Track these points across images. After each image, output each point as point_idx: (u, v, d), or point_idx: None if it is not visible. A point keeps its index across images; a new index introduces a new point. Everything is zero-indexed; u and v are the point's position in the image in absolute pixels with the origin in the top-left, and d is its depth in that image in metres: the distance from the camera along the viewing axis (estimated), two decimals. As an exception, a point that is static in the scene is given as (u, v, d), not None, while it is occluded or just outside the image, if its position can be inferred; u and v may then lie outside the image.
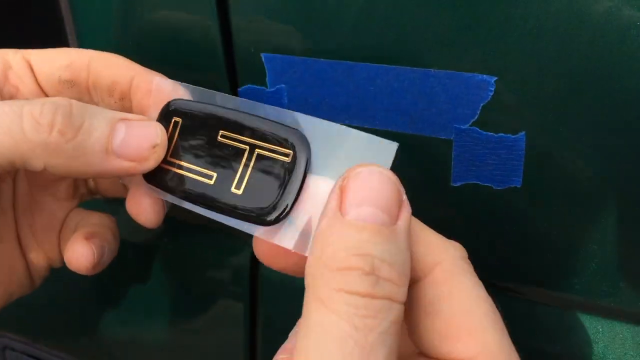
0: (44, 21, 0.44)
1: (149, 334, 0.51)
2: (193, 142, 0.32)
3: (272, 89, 0.35)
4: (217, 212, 0.30)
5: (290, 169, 0.28)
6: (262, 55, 0.34)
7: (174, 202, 0.33)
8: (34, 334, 0.57)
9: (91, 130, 0.29)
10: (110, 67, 0.34)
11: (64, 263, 0.38)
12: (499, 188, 0.32)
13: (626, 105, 0.27)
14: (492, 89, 0.30)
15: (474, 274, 0.27)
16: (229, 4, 0.34)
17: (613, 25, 0.26)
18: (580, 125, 0.29)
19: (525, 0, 0.27)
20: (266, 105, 0.30)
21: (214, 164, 0.31)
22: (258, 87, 0.35)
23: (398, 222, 0.25)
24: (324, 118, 0.34)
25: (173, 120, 0.32)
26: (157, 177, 0.32)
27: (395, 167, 0.34)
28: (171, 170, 0.32)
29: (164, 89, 0.33)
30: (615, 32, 0.26)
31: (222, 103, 0.32)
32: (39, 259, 0.38)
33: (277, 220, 0.29)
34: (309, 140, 0.29)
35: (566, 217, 0.31)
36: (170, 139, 0.32)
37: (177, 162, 0.32)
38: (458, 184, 0.32)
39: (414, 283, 0.27)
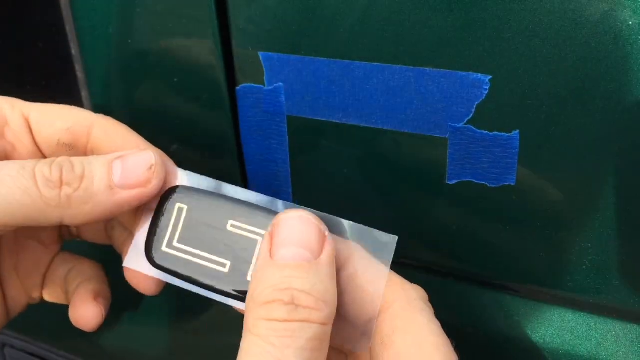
0: (44, 23, 0.44)
1: (149, 333, 0.51)
2: (201, 230, 0.33)
3: (270, 88, 0.35)
4: (234, 299, 0.32)
5: None
6: (260, 53, 0.35)
7: (183, 287, 0.33)
8: (33, 332, 0.57)
9: (92, 175, 0.32)
10: (111, 136, 0.36)
11: (42, 300, 0.41)
12: (494, 186, 0.32)
13: (619, 104, 0.28)
14: (487, 88, 0.30)
15: (431, 312, 0.30)
16: (228, 3, 0.34)
17: (607, 24, 0.27)
18: (574, 124, 0.29)
19: (519, 0, 0.28)
20: (272, 199, 0.33)
21: (226, 253, 0.32)
22: (256, 85, 0.36)
23: (321, 256, 0.29)
24: (321, 116, 0.34)
25: (177, 207, 0.33)
26: (165, 263, 0.33)
27: (392, 165, 0.34)
28: (180, 257, 0.33)
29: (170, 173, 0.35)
30: (610, 32, 0.27)
31: (229, 193, 0.33)
32: (19, 296, 0.40)
33: None
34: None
35: (559, 215, 0.31)
36: (175, 225, 0.33)
37: (186, 248, 0.33)
38: (453, 182, 0.33)
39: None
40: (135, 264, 0.35)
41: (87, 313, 0.39)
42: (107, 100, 0.42)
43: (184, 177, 0.34)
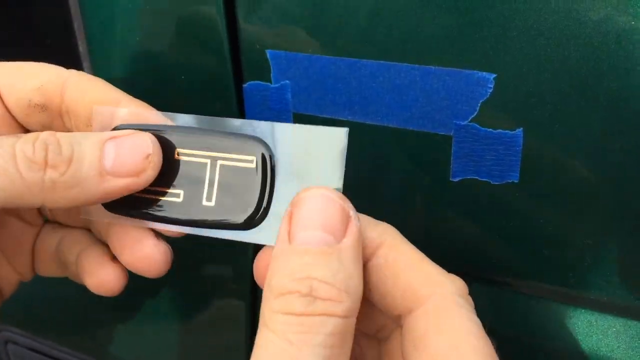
0: (52, 20, 0.44)
1: (150, 331, 0.51)
2: None
3: (277, 85, 0.36)
4: (193, 226, 0.31)
5: (257, 173, 0.30)
6: (267, 51, 0.35)
7: (144, 226, 0.32)
8: (35, 328, 0.57)
9: (82, 158, 0.29)
10: (87, 93, 0.32)
11: (34, 277, 0.38)
12: (497, 183, 0.32)
13: (622, 103, 0.28)
14: (491, 86, 0.30)
15: (471, 309, 0.27)
16: (236, 1, 0.35)
17: (611, 24, 0.27)
18: (577, 122, 0.29)
19: (523, -1, 0.28)
20: (218, 118, 0.31)
21: (178, 182, 0.31)
22: (263, 83, 0.36)
23: (344, 240, 0.26)
24: (327, 114, 0.35)
25: None
26: (119, 205, 0.32)
27: (396, 163, 0.34)
28: (134, 196, 0.31)
29: (104, 114, 0.32)
30: (613, 31, 0.27)
31: (174, 122, 0.32)
32: (8, 274, 0.38)
33: (254, 223, 0.30)
34: (270, 143, 0.30)
35: (561, 212, 0.31)
36: None
37: None
38: (457, 179, 0.33)
39: (407, 314, 0.28)
40: (92, 214, 0.33)
41: (108, 276, 0.35)
42: (114, 97, 0.42)
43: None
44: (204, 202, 0.30)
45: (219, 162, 0.30)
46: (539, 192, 0.31)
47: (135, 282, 0.49)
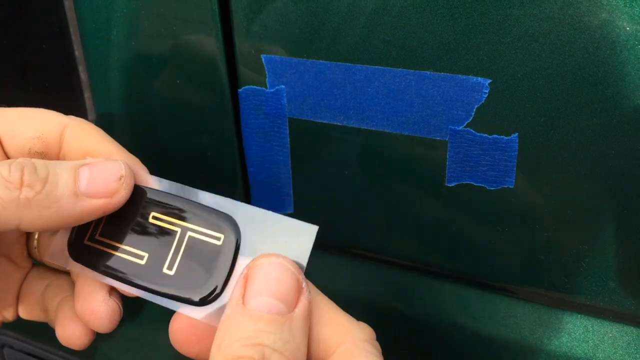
0: (47, 25, 0.44)
1: (146, 335, 0.51)
2: (123, 222, 0.32)
3: (272, 90, 0.36)
4: (147, 292, 0.31)
5: (221, 251, 0.30)
6: (263, 56, 0.35)
7: (101, 280, 0.33)
8: (32, 333, 0.57)
9: (57, 179, 0.30)
10: (85, 142, 0.34)
11: (16, 319, 0.39)
12: (492, 188, 0.32)
13: (617, 108, 0.28)
14: (487, 92, 0.30)
15: (378, 354, 0.28)
16: (231, 6, 0.35)
17: (605, 30, 0.27)
18: (572, 128, 0.29)
19: (519, 4, 0.28)
20: (200, 191, 0.32)
21: (145, 245, 0.31)
22: (258, 88, 0.36)
23: (295, 310, 0.27)
24: (322, 118, 0.35)
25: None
26: (85, 256, 0.32)
27: (392, 167, 0.34)
28: (100, 249, 0.32)
29: None
30: (608, 37, 0.27)
31: (155, 186, 0.32)
32: None
33: (208, 301, 0.30)
34: (240, 224, 0.30)
35: (557, 218, 0.31)
36: (99, 219, 0.32)
37: (107, 241, 0.32)
38: (452, 184, 0.33)
39: None
40: (57, 259, 0.34)
41: (74, 331, 0.36)
42: (110, 102, 0.42)
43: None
44: (165, 270, 0.31)
45: (189, 233, 0.31)
46: (534, 197, 0.31)
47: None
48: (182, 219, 0.31)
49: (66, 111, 0.36)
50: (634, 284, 0.31)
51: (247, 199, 0.40)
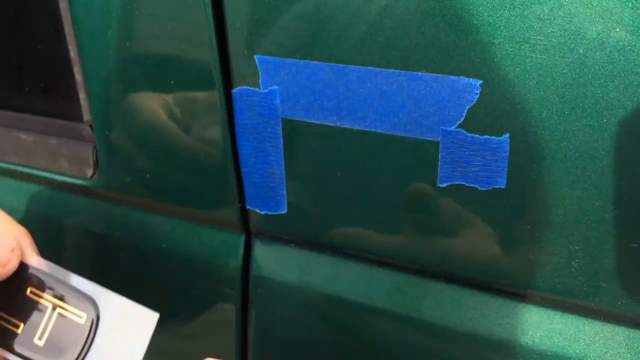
0: (43, 26, 0.44)
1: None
2: (5, 293, 0.35)
3: (265, 91, 0.36)
4: (22, 359, 0.34)
5: (82, 328, 0.34)
6: (256, 57, 0.35)
7: None
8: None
9: None
10: None
11: None
12: (484, 189, 0.32)
13: (607, 109, 0.28)
14: (478, 92, 0.30)
15: None
16: (224, 7, 0.35)
17: (595, 31, 0.27)
18: (563, 128, 0.29)
19: (510, 6, 0.28)
20: (71, 273, 0.35)
21: (22, 316, 0.35)
22: (251, 88, 0.36)
23: None
24: (315, 119, 0.35)
25: None
26: None
27: (384, 167, 0.35)
28: None
29: None
30: (597, 38, 0.27)
31: (37, 265, 0.36)
32: None
33: None
34: (99, 306, 0.35)
35: (548, 218, 0.31)
36: None
37: None
38: (444, 185, 0.33)
39: None
40: None
41: None
42: (105, 102, 0.42)
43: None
44: (36, 340, 0.34)
45: (58, 309, 0.35)
46: (525, 198, 0.32)
47: (126, 288, 0.49)
48: (55, 296, 0.35)
49: (61, 112, 0.36)
50: (624, 284, 0.31)
51: (241, 199, 0.41)
